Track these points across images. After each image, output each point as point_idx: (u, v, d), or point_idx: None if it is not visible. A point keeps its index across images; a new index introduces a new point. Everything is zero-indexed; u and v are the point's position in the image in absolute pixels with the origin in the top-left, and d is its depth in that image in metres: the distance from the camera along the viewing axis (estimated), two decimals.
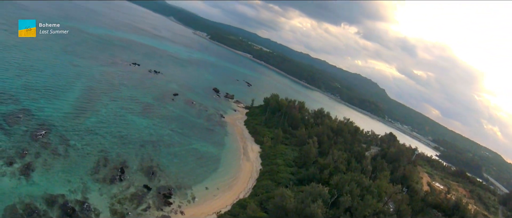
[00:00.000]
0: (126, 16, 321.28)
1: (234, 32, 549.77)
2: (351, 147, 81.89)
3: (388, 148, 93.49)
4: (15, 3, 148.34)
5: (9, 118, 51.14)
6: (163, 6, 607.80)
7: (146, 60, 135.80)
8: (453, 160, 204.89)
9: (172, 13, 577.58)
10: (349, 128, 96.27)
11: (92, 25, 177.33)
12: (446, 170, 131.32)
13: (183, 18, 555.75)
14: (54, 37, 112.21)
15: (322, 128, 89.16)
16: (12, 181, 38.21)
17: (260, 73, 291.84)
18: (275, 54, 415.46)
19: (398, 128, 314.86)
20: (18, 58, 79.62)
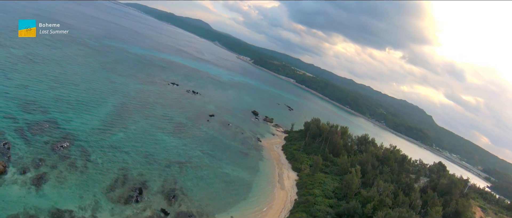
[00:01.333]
0: (171, 39, 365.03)
1: (278, 57, 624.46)
2: (398, 178, 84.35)
3: (438, 179, 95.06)
4: (59, 21, 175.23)
5: (33, 127, 56.00)
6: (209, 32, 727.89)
7: (185, 80, 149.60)
8: (506, 192, 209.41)
9: (218, 38, 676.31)
10: (395, 157, 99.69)
11: (136, 45, 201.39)
12: (500, 203, 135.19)
13: (228, 42, 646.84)
14: (95, 53, 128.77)
15: (366, 156, 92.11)
16: (21, 190, 39.82)
17: (303, 98, 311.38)
18: (318, 79, 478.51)
19: (447, 157, 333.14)
20: (55, 72, 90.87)
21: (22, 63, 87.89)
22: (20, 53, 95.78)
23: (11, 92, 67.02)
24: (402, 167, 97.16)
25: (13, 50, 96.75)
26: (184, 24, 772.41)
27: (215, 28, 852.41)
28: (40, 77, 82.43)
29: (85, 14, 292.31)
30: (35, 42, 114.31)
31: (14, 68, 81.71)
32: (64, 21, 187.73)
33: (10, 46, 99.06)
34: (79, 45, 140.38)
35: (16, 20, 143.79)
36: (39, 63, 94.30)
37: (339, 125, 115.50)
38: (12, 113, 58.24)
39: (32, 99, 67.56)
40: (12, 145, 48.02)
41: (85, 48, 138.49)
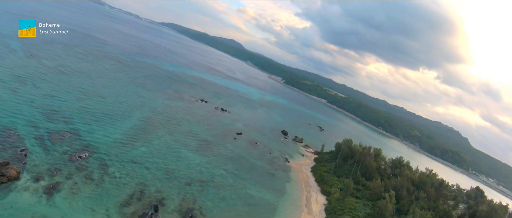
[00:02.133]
0: (204, 58, 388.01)
1: (310, 77, 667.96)
2: (436, 205, 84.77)
3: (477, 206, 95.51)
4: (94, 37, 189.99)
5: (54, 136, 58.90)
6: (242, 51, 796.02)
7: (214, 98, 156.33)
8: None
9: (250, 58, 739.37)
10: (432, 181, 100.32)
11: (168, 62, 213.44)
12: None
13: (260, 62, 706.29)
14: (126, 68, 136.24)
15: (401, 180, 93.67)
16: (32, 197, 41.08)
17: (334, 118, 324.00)
18: (350, 99, 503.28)
19: (483, 181, 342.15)
20: (84, 84, 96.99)
21: (52, 74, 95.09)
22: (51, 64, 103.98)
23: (37, 100, 71.99)
24: (439, 193, 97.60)
25: (45, 61, 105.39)
26: (217, 44, 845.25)
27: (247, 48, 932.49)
28: (67, 88, 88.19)
29: (120, 31, 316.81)
30: (68, 55, 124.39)
31: (43, 78, 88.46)
32: (99, 37, 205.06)
33: (42, 57, 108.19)
34: (111, 60, 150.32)
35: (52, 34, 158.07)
36: (69, 74, 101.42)
37: (372, 147, 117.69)
38: (34, 121, 62.04)
39: (57, 108, 71.89)
40: (29, 152, 50.46)
41: (117, 63, 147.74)
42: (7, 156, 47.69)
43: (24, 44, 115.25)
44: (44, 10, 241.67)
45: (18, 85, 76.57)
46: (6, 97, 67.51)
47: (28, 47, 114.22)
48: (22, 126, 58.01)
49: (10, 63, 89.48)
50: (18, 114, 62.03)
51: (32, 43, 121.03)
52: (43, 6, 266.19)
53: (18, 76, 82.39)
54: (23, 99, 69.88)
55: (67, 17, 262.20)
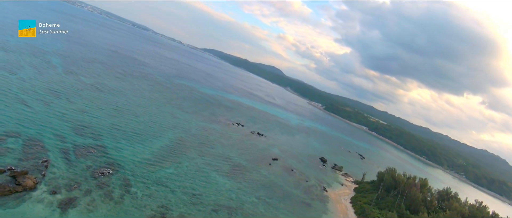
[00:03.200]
0: (243, 83, 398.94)
1: (350, 104, 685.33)
2: None
3: None
4: (135, 59, 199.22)
5: (80, 150, 59.25)
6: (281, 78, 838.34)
7: (251, 122, 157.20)
8: None
9: (289, 84, 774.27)
10: (483, 215, 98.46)
11: (206, 86, 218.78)
12: None
13: (299, 88, 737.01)
14: (163, 89, 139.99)
15: (449, 214, 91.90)
16: (45, 210, 40.33)
17: (376, 146, 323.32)
18: (392, 127, 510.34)
19: None
20: (119, 102, 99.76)
21: (88, 90, 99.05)
22: (88, 81, 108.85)
23: (69, 114, 74.14)
24: None
25: (83, 78, 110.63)
26: (257, 70, 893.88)
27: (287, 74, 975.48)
28: (101, 105, 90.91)
29: (162, 55, 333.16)
30: (107, 74, 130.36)
31: (78, 94, 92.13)
32: (140, 59, 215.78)
33: (81, 74, 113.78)
34: (149, 81, 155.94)
35: (93, 50, 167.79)
36: (105, 92, 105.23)
37: (417, 177, 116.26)
38: (62, 134, 63.19)
39: (87, 124, 73.48)
40: (51, 164, 50.54)
41: (155, 84, 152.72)
42: (28, 165, 47.95)
43: (65, 61, 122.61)
44: (87, 31, 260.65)
45: (52, 98, 79.81)
46: (38, 109, 70.09)
47: (68, 64, 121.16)
48: (49, 138, 59.02)
49: (48, 77, 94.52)
50: (47, 126, 63.62)
51: (73, 61, 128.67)
52: (85, 27, 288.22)
53: (54, 90, 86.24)
54: (55, 112, 72.18)
55: (111, 40, 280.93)
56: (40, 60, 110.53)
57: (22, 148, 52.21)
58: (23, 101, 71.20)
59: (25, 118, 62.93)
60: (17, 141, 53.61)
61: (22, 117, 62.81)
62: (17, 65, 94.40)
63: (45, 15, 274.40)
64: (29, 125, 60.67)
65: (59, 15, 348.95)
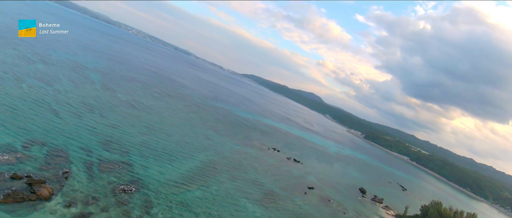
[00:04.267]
0: (281, 108, 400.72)
1: (390, 133, 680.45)
2: None
3: None
4: (174, 81, 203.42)
5: (104, 165, 58.25)
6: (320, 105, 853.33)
7: (287, 148, 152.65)
8: None
9: (328, 111, 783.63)
10: None
11: (243, 109, 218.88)
12: None
13: (339, 116, 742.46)
14: (199, 110, 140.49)
15: None
16: None
17: (417, 177, 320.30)
18: (434, 157, 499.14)
19: None
20: (152, 120, 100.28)
21: (122, 107, 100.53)
22: (124, 98, 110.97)
23: (99, 128, 74.44)
24: None
25: (119, 94, 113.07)
26: (296, 96, 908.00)
27: (326, 102, 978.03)
28: (134, 122, 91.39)
29: (201, 78, 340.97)
30: (144, 92, 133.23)
31: (112, 109, 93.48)
32: (179, 80, 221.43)
33: (117, 91, 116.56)
34: (186, 101, 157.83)
35: (133, 70, 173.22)
36: (139, 109, 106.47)
37: (465, 212, 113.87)
38: (89, 146, 62.82)
39: (117, 139, 73.25)
40: (72, 176, 49.47)
41: (191, 105, 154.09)
42: (47, 175, 47.12)
43: (104, 78, 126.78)
44: (130, 52, 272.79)
45: (85, 111, 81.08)
46: (69, 120, 70.89)
47: (107, 80, 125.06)
48: (74, 150, 58.64)
49: (84, 91, 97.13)
50: (75, 138, 63.65)
51: (111, 78, 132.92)
52: (128, 49, 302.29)
53: (88, 104, 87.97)
54: (85, 125, 72.72)
55: (152, 61, 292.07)
56: (79, 75, 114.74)
57: (45, 157, 51.84)
58: (55, 111, 72.52)
59: (53, 128, 63.46)
60: (41, 150, 53.50)
61: (51, 127, 63.43)
62: (56, 77, 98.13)
63: (93, 37, 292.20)
64: (57, 135, 60.90)
65: (106, 36, 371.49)
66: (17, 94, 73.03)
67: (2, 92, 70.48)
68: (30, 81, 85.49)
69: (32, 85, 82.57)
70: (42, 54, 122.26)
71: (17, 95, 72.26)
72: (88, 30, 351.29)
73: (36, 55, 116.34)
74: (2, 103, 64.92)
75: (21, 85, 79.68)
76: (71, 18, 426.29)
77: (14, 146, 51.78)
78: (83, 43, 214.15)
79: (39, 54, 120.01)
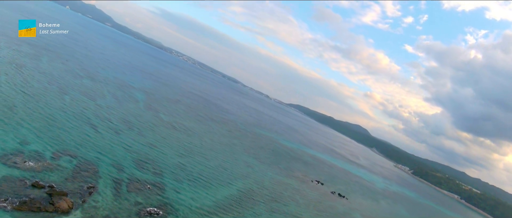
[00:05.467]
0: (326, 139, 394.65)
1: (440, 169, 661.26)
2: None
3: None
4: (218, 106, 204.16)
5: (134, 184, 55.93)
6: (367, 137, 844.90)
7: (332, 181, 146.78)
8: None
9: (375, 144, 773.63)
10: None
11: (286, 138, 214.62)
12: None
13: (386, 150, 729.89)
14: (241, 136, 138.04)
15: None
16: None
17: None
18: (487, 196, 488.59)
19: None
20: (192, 143, 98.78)
21: (163, 127, 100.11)
22: (166, 119, 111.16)
23: (135, 146, 73.27)
24: None
25: (162, 115, 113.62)
26: (342, 128, 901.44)
27: (373, 135, 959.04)
28: (173, 143, 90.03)
29: (246, 105, 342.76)
30: (187, 115, 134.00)
31: (152, 128, 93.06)
32: (223, 106, 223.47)
33: (160, 111, 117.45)
34: (229, 126, 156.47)
35: (179, 93, 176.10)
36: (180, 131, 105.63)
37: None
38: (122, 164, 61.14)
39: (152, 158, 71.52)
40: (97, 191, 47.39)
41: (234, 131, 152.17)
42: (71, 188, 45.31)
43: (148, 98, 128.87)
44: (178, 76, 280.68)
45: (124, 128, 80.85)
46: (106, 135, 70.37)
47: (151, 100, 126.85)
48: (105, 165, 57.09)
49: (126, 109, 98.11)
50: (108, 153, 62.44)
51: (156, 99, 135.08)
52: (177, 73, 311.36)
53: (128, 121, 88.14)
54: (122, 142, 71.87)
55: (199, 86, 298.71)
56: (124, 93, 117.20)
57: (73, 169, 50.47)
58: (93, 125, 72.56)
59: (88, 142, 62.82)
60: (70, 161, 52.35)
61: (85, 140, 62.85)
62: (100, 93, 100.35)
63: (144, 60, 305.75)
64: (90, 149, 59.97)
65: (156, 60, 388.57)
66: (58, 105, 74.38)
67: (43, 101, 72.10)
68: (74, 94, 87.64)
69: (75, 98, 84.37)
70: (90, 71, 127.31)
71: (58, 106, 73.55)
72: (139, 53, 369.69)
73: (84, 71, 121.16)
74: (41, 112, 65.94)
75: (64, 97, 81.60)
76: (125, 42, 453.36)
77: (44, 154, 51.06)
78: (133, 64, 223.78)
79: (87, 70, 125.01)
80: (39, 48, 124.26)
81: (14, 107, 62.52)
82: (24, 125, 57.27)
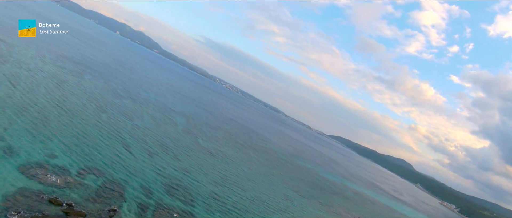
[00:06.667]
0: (368, 173, 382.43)
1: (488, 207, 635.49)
2: None
3: None
4: (259, 134, 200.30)
5: (160, 211, 52.48)
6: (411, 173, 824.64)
7: None
8: None
9: (420, 180, 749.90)
10: None
11: (327, 170, 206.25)
12: None
13: (431, 186, 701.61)
14: (281, 166, 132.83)
15: None
16: None
17: None
18: None
19: None
20: (228, 171, 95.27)
21: (199, 152, 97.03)
22: (204, 144, 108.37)
23: (168, 170, 70.03)
24: None
25: (200, 140, 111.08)
26: (385, 162, 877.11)
27: (417, 170, 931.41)
28: (208, 170, 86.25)
29: (287, 135, 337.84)
30: (226, 142, 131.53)
31: (188, 153, 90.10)
32: (264, 135, 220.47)
33: (199, 136, 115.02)
34: (269, 156, 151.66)
35: (219, 119, 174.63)
36: (218, 158, 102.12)
37: None
38: (151, 188, 57.80)
39: (184, 185, 68.04)
40: (118, 215, 43.91)
41: (274, 161, 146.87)
42: (91, 208, 42.15)
43: (188, 122, 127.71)
44: (220, 103, 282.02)
45: (158, 151, 78.30)
46: (138, 156, 67.80)
47: (190, 125, 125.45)
48: (133, 188, 53.82)
49: (163, 132, 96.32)
50: (138, 175, 59.38)
51: (196, 124, 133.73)
52: (219, 100, 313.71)
53: (164, 144, 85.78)
54: (154, 164, 68.98)
55: (240, 114, 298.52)
56: (163, 116, 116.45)
57: (97, 189, 47.49)
58: (127, 145, 70.46)
59: (118, 161, 60.29)
60: (96, 180, 49.56)
61: (115, 159, 60.39)
62: (139, 114, 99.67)
63: (187, 85, 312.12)
64: (119, 169, 57.20)
65: (199, 87, 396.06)
66: (94, 121, 73.43)
67: (79, 117, 71.38)
68: (112, 112, 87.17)
69: (112, 117, 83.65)
70: (132, 91, 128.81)
71: (93, 122, 72.55)
72: (184, 79, 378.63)
73: (126, 92, 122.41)
74: (74, 127, 64.77)
75: (101, 114, 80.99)
76: (170, 68, 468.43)
77: (69, 169, 48.65)
78: (176, 89, 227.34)
79: (129, 91, 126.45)
80: (83, 66, 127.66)
81: (48, 120, 61.73)
82: (54, 138, 55.77)
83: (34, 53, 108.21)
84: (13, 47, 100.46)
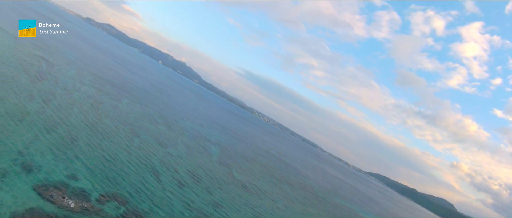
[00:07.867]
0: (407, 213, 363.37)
1: None
2: None
3: None
4: (296, 169, 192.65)
5: None
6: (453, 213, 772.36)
7: None
8: None
9: None
10: None
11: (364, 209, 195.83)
12: None
13: None
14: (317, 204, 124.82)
15: None
16: None
17: None
18: None
19: None
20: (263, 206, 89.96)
21: (233, 185, 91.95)
22: (238, 177, 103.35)
23: (197, 203, 65.31)
24: None
25: (235, 172, 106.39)
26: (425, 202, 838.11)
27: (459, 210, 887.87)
28: (241, 205, 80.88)
29: (325, 171, 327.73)
30: (261, 175, 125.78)
31: (221, 186, 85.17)
32: (301, 169, 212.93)
33: (233, 168, 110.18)
34: (306, 192, 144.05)
35: (256, 151, 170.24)
36: (252, 192, 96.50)
37: None
38: None
39: (205, 213, 62.78)
40: None
41: (311, 198, 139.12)
42: None
43: (223, 152, 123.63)
44: (257, 135, 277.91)
45: (189, 182, 74.05)
46: (167, 186, 63.73)
47: (225, 156, 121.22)
48: None
49: (197, 161, 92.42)
50: (164, 206, 54.90)
51: (231, 155, 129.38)
52: (257, 132, 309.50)
53: (196, 175, 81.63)
54: (184, 196, 64.46)
55: (277, 147, 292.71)
56: (198, 145, 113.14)
57: None
58: (157, 173, 66.68)
59: (145, 189, 56.15)
60: (117, 208, 45.34)
61: (142, 187, 56.33)
62: (172, 141, 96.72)
63: (224, 116, 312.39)
64: (144, 198, 52.93)
65: (237, 118, 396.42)
66: (125, 145, 70.66)
67: (109, 139, 68.81)
68: (145, 138, 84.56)
69: (144, 142, 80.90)
70: (168, 118, 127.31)
71: (124, 146, 69.76)
72: (222, 110, 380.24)
73: (162, 118, 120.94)
74: (102, 150, 61.94)
75: (134, 139, 78.42)
76: (209, 98, 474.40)
77: (89, 194, 44.78)
78: (213, 118, 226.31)
79: (165, 118, 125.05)
80: (122, 90, 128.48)
81: (75, 140, 59.24)
82: (79, 159, 52.74)
83: (74, 74, 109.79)
84: (53, 66, 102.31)
